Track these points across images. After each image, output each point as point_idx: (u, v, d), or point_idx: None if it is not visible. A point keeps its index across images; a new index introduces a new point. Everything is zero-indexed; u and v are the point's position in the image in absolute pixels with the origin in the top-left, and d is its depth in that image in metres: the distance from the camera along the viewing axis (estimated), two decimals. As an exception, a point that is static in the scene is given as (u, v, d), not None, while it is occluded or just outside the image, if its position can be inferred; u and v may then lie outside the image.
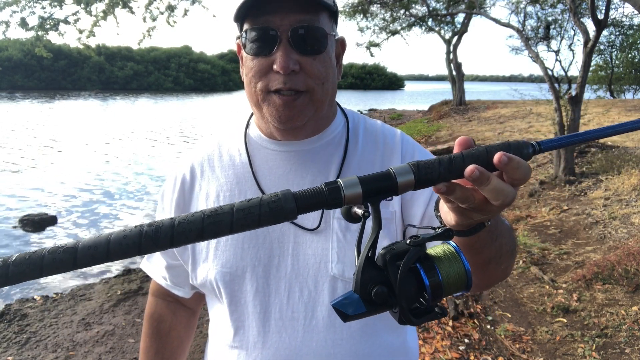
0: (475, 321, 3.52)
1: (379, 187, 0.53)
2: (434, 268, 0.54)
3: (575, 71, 18.27)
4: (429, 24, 19.97)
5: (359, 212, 0.55)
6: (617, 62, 22.74)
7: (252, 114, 1.00)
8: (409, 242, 0.53)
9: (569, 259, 4.45)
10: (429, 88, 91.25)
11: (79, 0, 7.25)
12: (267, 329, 0.89)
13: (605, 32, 15.49)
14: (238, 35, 0.90)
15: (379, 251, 0.55)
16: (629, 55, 22.11)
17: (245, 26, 0.85)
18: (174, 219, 0.48)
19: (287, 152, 0.94)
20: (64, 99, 35.16)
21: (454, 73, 20.32)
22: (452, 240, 0.58)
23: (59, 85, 50.11)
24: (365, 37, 42.85)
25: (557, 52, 11.63)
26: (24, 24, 7.43)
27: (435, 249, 0.57)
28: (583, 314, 3.50)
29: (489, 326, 3.48)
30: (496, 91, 48.33)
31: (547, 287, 3.97)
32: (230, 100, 41.63)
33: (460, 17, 19.39)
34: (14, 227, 6.61)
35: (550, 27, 13.63)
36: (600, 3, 9.60)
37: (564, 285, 3.96)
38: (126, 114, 25.45)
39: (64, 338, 3.61)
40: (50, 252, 0.45)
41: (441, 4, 19.15)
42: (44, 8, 7.44)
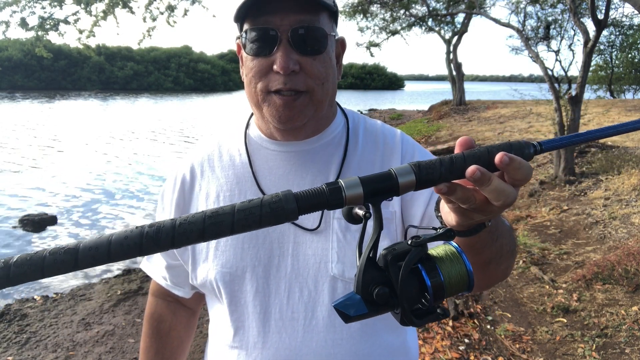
0: (475, 321, 3.52)
1: (380, 187, 0.53)
2: (436, 269, 0.53)
3: (575, 71, 18.31)
4: (429, 24, 19.97)
5: (360, 212, 0.55)
6: (617, 62, 22.76)
7: (252, 114, 1.00)
8: (410, 242, 0.53)
9: (569, 259, 4.45)
10: (429, 88, 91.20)
11: (79, 0, 7.25)
12: (267, 329, 0.89)
13: (605, 32, 15.50)
14: (238, 35, 0.90)
15: (380, 252, 0.55)
16: (629, 55, 22.12)
17: (245, 26, 0.85)
18: (175, 220, 0.48)
19: (287, 153, 0.94)
20: (64, 99, 35.15)
21: (454, 73, 20.32)
22: (453, 241, 0.58)
23: (59, 85, 50.09)
24: (365, 37, 42.94)
25: (557, 52, 11.67)
26: (24, 24, 7.42)
27: (436, 249, 0.56)
28: (583, 314, 3.50)
29: (489, 326, 3.48)
30: (496, 91, 48.34)
31: (547, 287, 3.97)
32: (230, 100, 41.61)
33: (460, 17, 19.41)
34: (14, 227, 6.60)
35: (550, 27, 13.64)
36: (600, 3, 9.61)
37: (564, 285, 3.96)
38: (126, 114, 25.44)
39: (64, 338, 3.61)
40: (52, 253, 0.45)
41: (441, 4, 19.16)
42: (44, 8, 7.44)
